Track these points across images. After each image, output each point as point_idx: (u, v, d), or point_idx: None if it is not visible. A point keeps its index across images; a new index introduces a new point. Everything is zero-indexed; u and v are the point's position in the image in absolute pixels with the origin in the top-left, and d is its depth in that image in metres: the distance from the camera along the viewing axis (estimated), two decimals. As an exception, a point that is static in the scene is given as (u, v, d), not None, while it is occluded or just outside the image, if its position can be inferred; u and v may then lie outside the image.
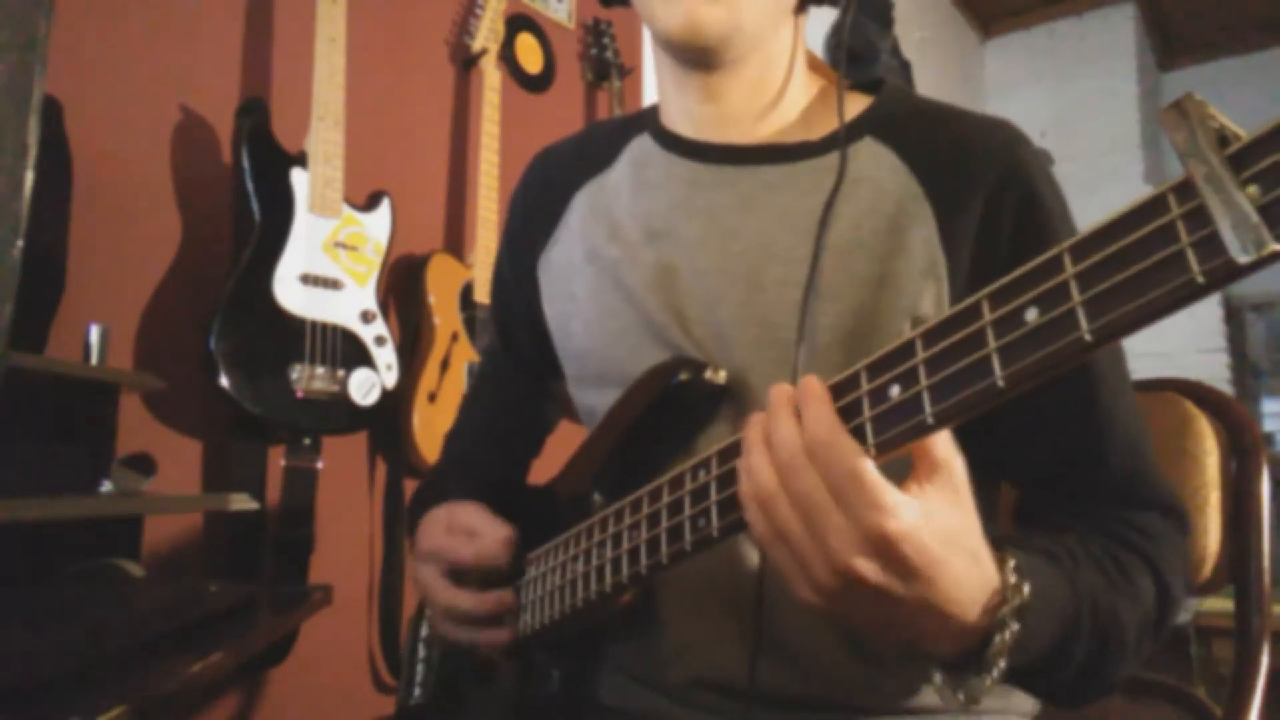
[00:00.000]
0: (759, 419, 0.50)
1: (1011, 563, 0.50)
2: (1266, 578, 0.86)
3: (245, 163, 1.42)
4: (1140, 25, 4.49)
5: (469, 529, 0.74)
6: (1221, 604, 2.90)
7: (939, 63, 4.10)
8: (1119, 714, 0.97)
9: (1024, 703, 0.74)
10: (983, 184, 0.66)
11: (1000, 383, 0.41)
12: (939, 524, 0.46)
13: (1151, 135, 4.36)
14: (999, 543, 0.51)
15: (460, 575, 0.75)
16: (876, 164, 0.70)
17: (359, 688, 1.69)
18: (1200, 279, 0.35)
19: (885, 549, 0.45)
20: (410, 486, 1.75)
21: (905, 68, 3.40)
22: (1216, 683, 2.91)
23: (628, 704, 0.76)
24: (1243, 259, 0.33)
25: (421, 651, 0.90)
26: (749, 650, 0.67)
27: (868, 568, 0.45)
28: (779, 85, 0.75)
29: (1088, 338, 0.38)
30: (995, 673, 0.49)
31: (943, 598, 0.46)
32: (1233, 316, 4.35)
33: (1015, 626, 0.49)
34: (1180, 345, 3.97)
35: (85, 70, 1.34)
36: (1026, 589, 0.49)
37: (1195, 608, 3.12)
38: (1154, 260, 0.36)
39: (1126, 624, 0.58)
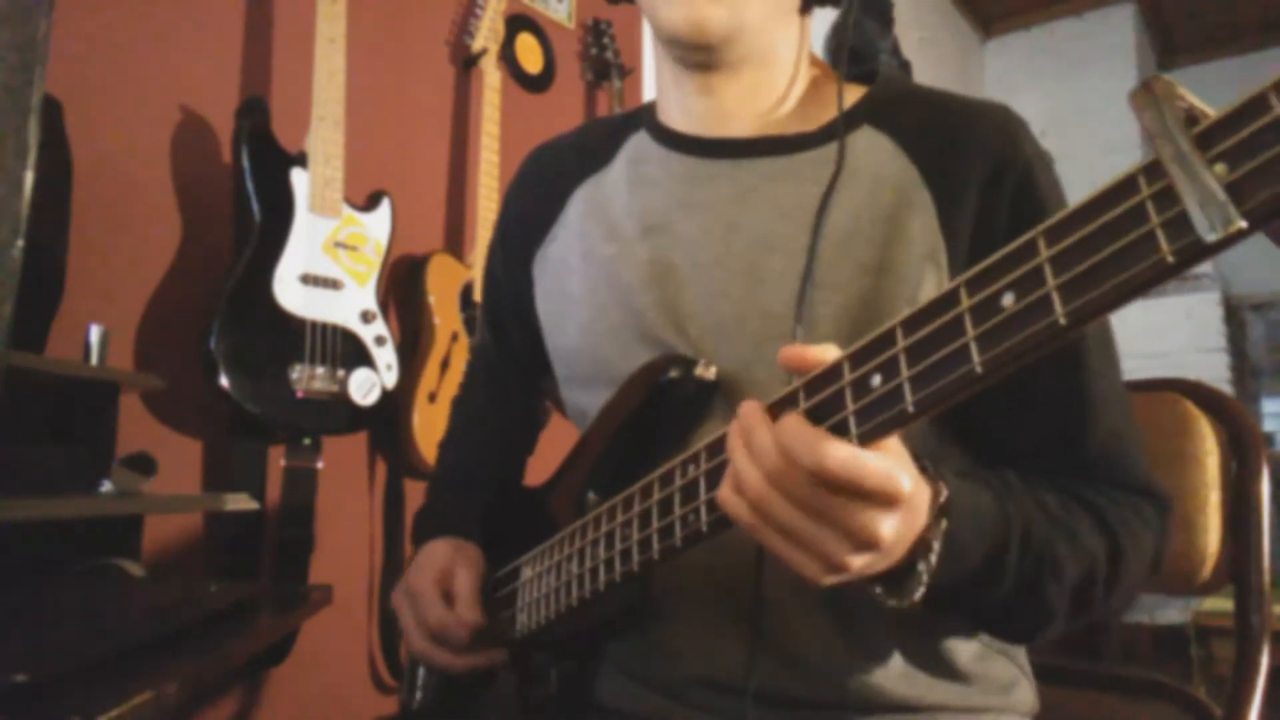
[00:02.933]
0: (738, 427, 0.51)
1: (942, 485, 0.52)
2: (1266, 578, 0.86)
3: (245, 163, 1.42)
4: (1140, 25, 4.48)
5: (453, 594, 0.76)
6: (1221, 604, 2.90)
7: (939, 63, 4.10)
8: (1119, 714, 0.97)
9: (1024, 702, 0.74)
10: (980, 168, 0.66)
11: (978, 369, 0.41)
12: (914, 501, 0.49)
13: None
14: (934, 470, 0.53)
15: None
16: (874, 152, 0.70)
17: (359, 688, 1.69)
18: (1170, 259, 0.35)
19: (874, 544, 0.48)
20: (410, 486, 1.76)
21: (905, 67, 3.39)
22: (1216, 683, 2.91)
23: (627, 704, 0.76)
24: (1210, 237, 0.33)
25: (422, 653, 0.90)
26: (748, 649, 0.67)
27: (860, 562, 0.49)
28: (779, 83, 0.75)
29: (1062, 321, 0.38)
30: (925, 569, 0.51)
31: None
32: (1233, 316, 4.34)
33: (944, 524, 0.51)
34: (1180, 345, 3.97)
35: (85, 70, 1.34)
36: (944, 490, 0.51)
37: (1195, 608, 3.12)
38: (1125, 242, 0.36)
39: (1063, 556, 0.59)
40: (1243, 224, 0.33)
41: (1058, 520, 0.61)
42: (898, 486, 0.46)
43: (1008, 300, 0.40)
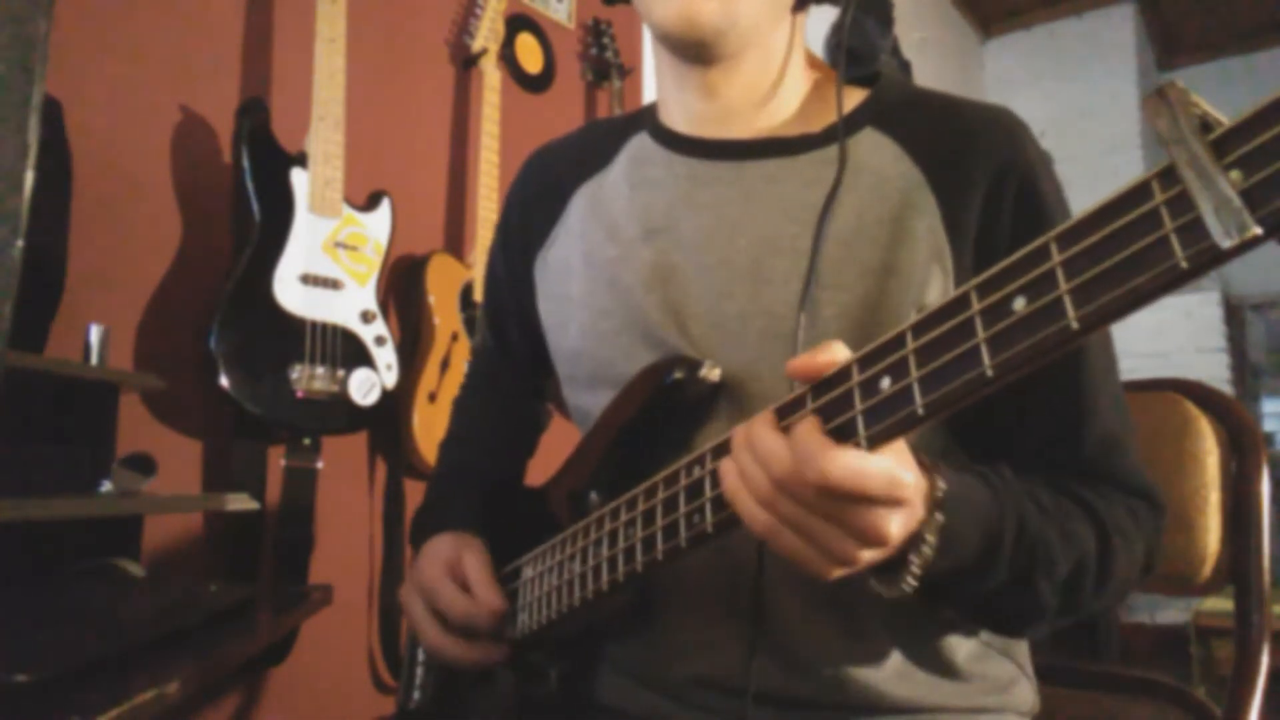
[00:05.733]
0: (743, 432, 0.52)
1: (938, 479, 0.53)
2: (1266, 578, 0.86)
3: (245, 163, 1.42)
4: (1140, 25, 4.49)
5: (466, 582, 0.74)
6: (1221, 604, 2.90)
7: (939, 63, 4.10)
8: (1119, 714, 0.97)
9: (1024, 702, 0.74)
10: (984, 172, 0.67)
11: (989, 372, 0.41)
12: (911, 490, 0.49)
13: (1152, 135, 4.36)
14: (931, 463, 0.53)
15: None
16: (878, 154, 0.70)
17: (359, 688, 1.69)
18: (1184, 264, 0.35)
19: (883, 542, 0.49)
20: (410, 486, 1.76)
21: (905, 68, 3.39)
22: (1216, 683, 2.91)
23: (627, 704, 0.76)
24: (1225, 243, 0.33)
25: (421, 654, 0.90)
26: (747, 649, 0.67)
27: (869, 556, 0.50)
28: (777, 81, 0.76)
29: (1074, 325, 0.38)
30: (918, 559, 0.52)
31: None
32: (1233, 316, 4.34)
33: (939, 517, 0.52)
34: (1180, 345, 3.97)
35: (85, 70, 1.34)
36: (941, 484, 0.52)
37: (1195, 608, 3.12)
38: (1138, 247, 0.36)
39: (1055, 551, 0.59)
40: (1258, 230, 0.33)
41: (1050, 515, 0.61)
42: (902, 488, 0.47)
43: (1019, 304, 0.40)
